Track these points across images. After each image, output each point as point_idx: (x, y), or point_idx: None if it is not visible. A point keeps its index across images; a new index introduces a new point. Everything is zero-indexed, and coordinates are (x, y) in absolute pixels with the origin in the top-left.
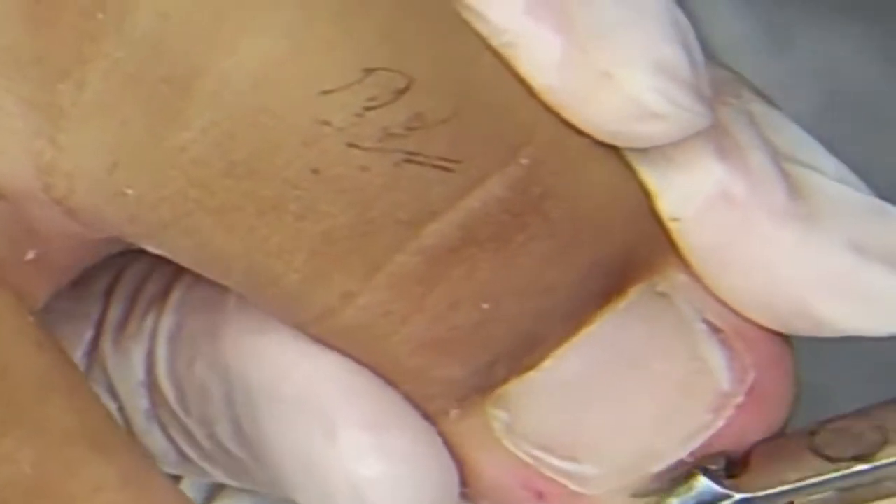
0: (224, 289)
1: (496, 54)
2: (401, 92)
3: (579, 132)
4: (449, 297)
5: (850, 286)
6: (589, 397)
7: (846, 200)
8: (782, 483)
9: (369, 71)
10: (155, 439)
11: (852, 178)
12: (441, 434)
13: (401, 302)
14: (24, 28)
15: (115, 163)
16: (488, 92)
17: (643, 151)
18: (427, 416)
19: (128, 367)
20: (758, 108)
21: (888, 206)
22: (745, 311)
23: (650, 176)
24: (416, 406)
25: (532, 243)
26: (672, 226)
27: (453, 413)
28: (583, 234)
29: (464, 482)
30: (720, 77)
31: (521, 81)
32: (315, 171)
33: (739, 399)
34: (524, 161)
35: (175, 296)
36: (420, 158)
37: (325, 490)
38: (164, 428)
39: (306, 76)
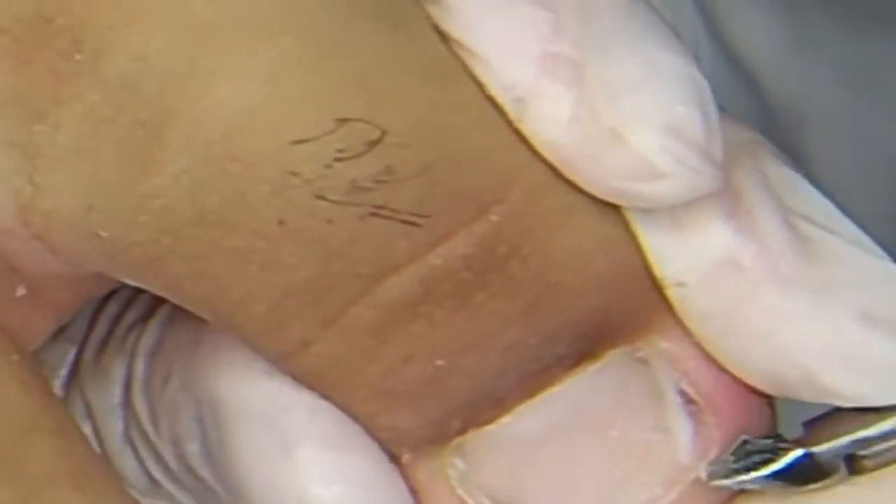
0: None
1: (493, 104)
2: (373, 144)
3: (558, 194)
4: (403, 351)
5: (857, 357)
6: (543, 457)
7: (860, 266)
8: (842, 436)
9: (342, 121)
10: (127, 463)
11: (868, 242)
12: None
13: (354, 353)
14: (4, 67)
15: (90, 205)
16: (465, 145)
17: (649, 213)
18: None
19: (106, 387)
20: (773, 169)
21: None
22: (748, 377)
23: (655, 238)
24: None
25: (493, 303)
26: (677, 291)
27: (406, 457)
28: (549, 297)
29: None
30: (736, 136)
31: (517, 133)
32: (281, 223)
33: (695, 474)
34: (494, 218)
35: (157, 317)
36: (386, 213)
37: None
38: (135, 450)
39: (278, 125)
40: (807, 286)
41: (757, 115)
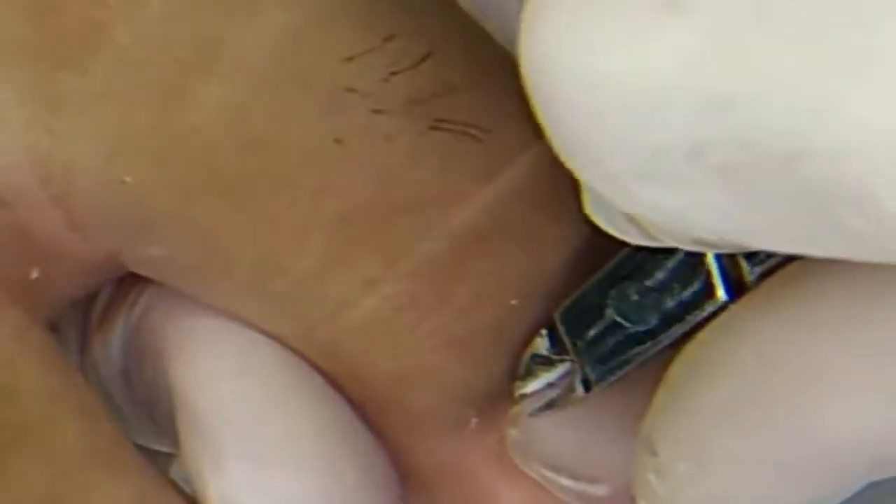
0: None
1: None
2: (423, 59)
3: None
4: (476, 289)
5: None
6: (602, 416)
7: None
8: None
9: (390, 37)
10: (144, 425)
11: None
12: (458, 447)
13: (427, 292)
14: (31, 19)
15: (113, 149)
16: (511, 68)
17: None
18: (446, 426)
19: (108, 355)
20: None
21: None
22: None
23: None
24: (435, 415)
25: (563, 238)
26: None
27: (473, 422)
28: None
29: (478, 498)
30: None
31: None
32: (338, 141)
33: None
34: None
35: (154, 284)
36: (447, 125)
37: None
38: (145, 416)
39: (328, 44)
40: None
41: None
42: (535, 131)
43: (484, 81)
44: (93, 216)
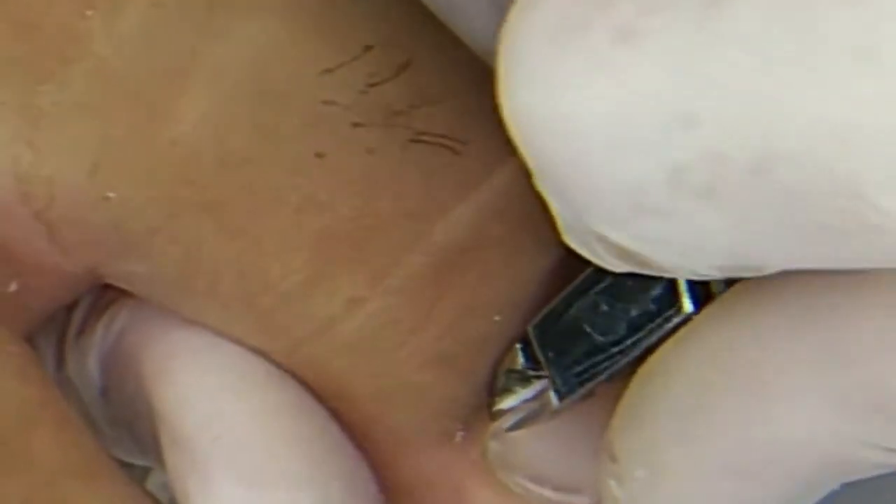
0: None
1: None
2: (402, 68)
3: None
4: (461, 304)
5: None
6: (581, 428)
7: None
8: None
9: (368, 48)
10: (124, 444)
11: None
12: (444, 461)
13: (411, 308)
14: (9, 33)
15: (95, 164)
16: (489, 77)
17: None
18: (432, 441)
19: (86, 374)
20: None
21: None
22: None
23: None
24: (420, 430)
25: (542, 249)
26: None
27: (458, 436)
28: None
29: None
30: None
31: None
32: (319, 155)
33: None
34: None
35: (130, 301)
36: (426, 137)
37: None
38: (128, 432)
39: (306, 56)
40: None
41: None
42: (512, 143)
43: (461, 92)
44: (75, 232)
